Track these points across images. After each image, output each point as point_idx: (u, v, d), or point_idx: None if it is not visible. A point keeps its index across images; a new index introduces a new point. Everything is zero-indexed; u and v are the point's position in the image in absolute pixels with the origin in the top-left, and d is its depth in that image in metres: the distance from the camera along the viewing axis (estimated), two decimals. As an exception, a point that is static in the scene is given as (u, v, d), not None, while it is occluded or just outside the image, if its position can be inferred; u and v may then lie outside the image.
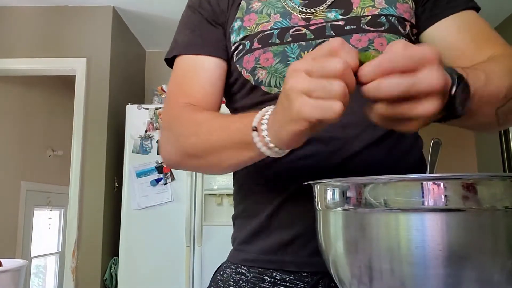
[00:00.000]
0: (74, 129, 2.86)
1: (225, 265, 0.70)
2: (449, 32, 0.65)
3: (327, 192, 0.42)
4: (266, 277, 0.63)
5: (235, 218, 0.74)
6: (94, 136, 2.86)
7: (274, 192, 0.64)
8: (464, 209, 0.35)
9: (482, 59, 0.59)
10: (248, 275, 0.64)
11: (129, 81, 3.38)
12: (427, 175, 0.40)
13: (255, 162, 0.55)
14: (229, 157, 0.55)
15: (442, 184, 0.35)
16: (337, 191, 0.41)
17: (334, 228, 0.42)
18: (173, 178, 2.63)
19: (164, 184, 2.62)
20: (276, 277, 0.62)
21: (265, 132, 0.47)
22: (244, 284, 0.64)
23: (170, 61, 0.73)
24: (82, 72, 2.92)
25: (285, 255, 0.62)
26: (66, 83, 3.60)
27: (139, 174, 2.63)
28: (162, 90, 3.03)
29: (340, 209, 0.40)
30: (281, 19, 0.65)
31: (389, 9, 0.64)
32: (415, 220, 0.35)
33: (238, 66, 0.67)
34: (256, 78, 0.64)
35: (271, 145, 0.47)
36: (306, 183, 0.47)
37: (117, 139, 2.96)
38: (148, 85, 3.68)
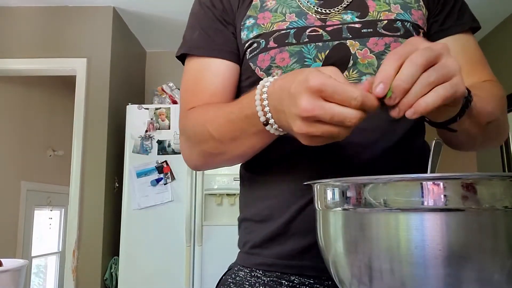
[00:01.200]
0: (74, 129, 2.86)
1: (236, 269, 0.68)
2: (453, 49, 0.66)
3: (327, 192, 0.42)
4: (284, 281, 0.62)
5: (243, 220, 0.71)
6: (94, 136, 2.86)
7: (292, 198, 0.62)
8: (464, 209, 0.35)
9: (472, 81, 0.64)
10: (264, 279, 0.63)
11: (130, 81, 3.38)
12: (427, 175, 0.40)
13: (274, 137, 0.55)
14: (243, 141, 0.56)
15: (441, 184, 0.35)
16: (337, 191, 0.41)
17: (334, 228, 0.42)
18: (173, 178, 2.63)
19: (164, 184, 2.62)
20: (295, 281, 0.61)
21: (273, 127, 0.50)
22: (261, 287, 0.63)
23: (180, 58, 0.73)
24: (83, 72, 2.92)
25: (304, 260, 0.61)
26: (67, 83, 3.60)
27: (139, 174, 2.63)
28: (162, 90, 3.03)
29: (340, 209, 0.40)
30: (296, 18, 0.65)
31: (405, 15, 0.64)
32: (415, 220, 0.35)
33: (251, 64, 0.66)
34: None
35: (279, 130, 0.50)
36: (305, 183, 0.47)
37: (117, 139, 2.96)
38: (148, 85, 3.68)
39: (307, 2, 0.66)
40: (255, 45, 0.65)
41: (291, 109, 0.44)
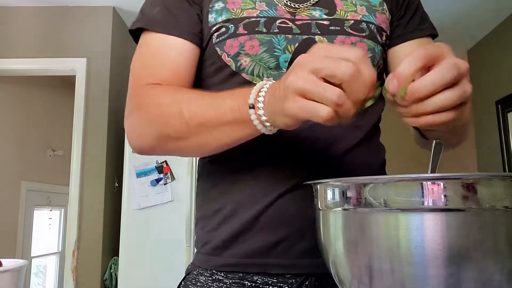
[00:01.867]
0: (74, 129, 2.86)
1: (195, 272, 0.66)
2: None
3: (327, 192, 0.42)
4: (246, 282, 0.60)
5: (202, 217, 0.68)
6: (94, 136, 2.86)
7: (261, 193, 0.61)
8: (464, 209, 0.35)
9: None
10: (227, 281, 0.61)
11: (129, 81, 3.37)
12: (427, 175, 0.40)
13: (247, 140, 0.53)
14: (221, 136, 0.53)
15: (442, 184, 0.35)
16: (337, 191, 0.41)
17: (334, 228, 0.42)
18: (173, 178, 2.63)
19: (164, 184, 2.62)
20: (258, 281, 0.60)
21: (261, 111, 0.47)
22: None
23: (134, 34, 0.68)
24: (82, 72, 2.92)
25: (270, 258, 0.60)
26: (66, 83, 3.60)
27: (139, 174, 2.63)
28: (162, 90, 3.03)
29: (340, 209, 0.40)
30: (267, 8, 0.64)
31: (369, 17, 0.66)
32: (415, 220, 0.35)
33: (218, 48, 0.63)
34: (238, 64, 0.62)
35: (267, 124, 0.48)
36: (306, 182, 0.47)
37: (117, 139, 2.96)
38: (148, 85, 3.67)
39: None
40: (223, 29, 0.63)
41: (286, 89, 0.43)
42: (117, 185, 2.94)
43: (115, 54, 3.05)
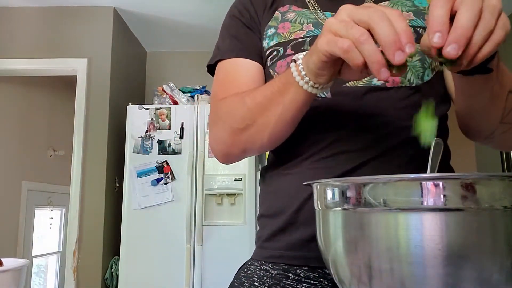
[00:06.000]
0: (75, 129, 2.87)
1: (249, 263, 0.71)
2: None
3: (327, 192, 0.42)
4: (290, 274, 0.64)
5: (260, 217, 0.75)
6: (95, 136, 2.86)
7: (299, 190, 0.65)
8: (463, 208, 0.35)
9: None
10: (273, 272, 0.66)
11: (130, 82, 3.38)
12: (426, 174, 0.40)
13: (299, 108, 0.57)
14: (275, 106, 0.57)
15: (441, 183, 0.35)
16: (336, 190, 0.41)
17: (333, 227, 0.42)
18: (173, 178, 2.63)
19: (165, 184, 2.62)
20: (301, 274, 0.63)
21: (299, 61, 0.52)
22: (268, 280, 0.65)
23: (212, 68, 0.76)
24: (83, 72, 2.93)
25: (310, 251, 0.62)
26: (67, 83, 3.61)
27: (140, 174, 2.63)
28: (163, 90, 3.03)
29: (340, 208, 0.41)
30: (313, 28, 0.69)
31: (417, 21, 0.67)
32: (414, 219, 0.35)
33: (271, 70, 0.70)
34: None
35: (303, 73, 0.51)
36: (305, 183, 0.47)
37: (117, 139, 2.96)
38: (148, 85, 3.68)
39: (323, 15, 0.70)
40: (274, 53, 0.70)
41: (323, 28, 0.47)
42: (117, 185, 2.94)
43: (116, 55, 3.05)
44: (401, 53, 0.40)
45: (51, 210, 4.20)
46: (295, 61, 0.53)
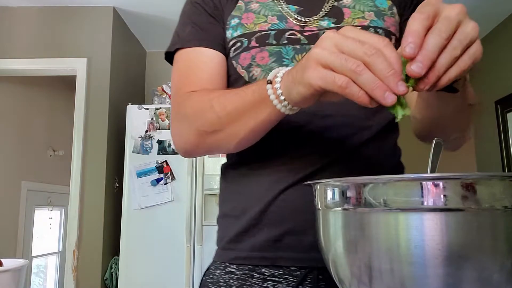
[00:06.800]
0: (74, 129, 2.87)
1: (213, 268, 0.70)
2: None
3: (327, 192, 0.42)
4: (255, 274, 0.64)
5: (221, 217, 0.73)
6: (94, 136, 2.86)
7: (264, 191, 0.65)
8: (463, 208, 0.35)
9: None
10: (238, 273, 0.65)
11: (130, 81, 3.38)
12: (426, 174, 0.40)
13: (271, 124, 0.56)
14: (248, 120, 0.56)
15: (441, 183, 0.35)
16: (336, 191, 0.41)
17: (333, 227, 0.42)
18: (173, 178, 2.63)
19: (165, 184, 2.62)
20: (265, 273, 0.64)
21: (277, 85, 0.50)
22: (235, 283, 0.65)
23: (171, 56, 0.73)
24: (83, 72, 2.92)
25: (277, 251, 0.63)
26: (67, 83, 3.61)
27: (140, 174, 2.63)
28: (163, 90, 3.03)
29: (340, 208, 0.41)
30: (278, 21, 0.69)
31: (378, 22, 0.68)
32: (415, 219, 0.35)
33: (234, 62, 0.69)
34: (250, 75, 0.67)
35: (282, 97, 0.50)
36: (306, 183, 0.47)
37: (117, 139, 2.96)
38: (148, 85, 3.68)
39: (287, 8, 0.70)
40: (238, 44, 0.69)
41: (309, 59, 0.44)
42: (117, 185, 2.94)
43: (115, 54, 3.05)
44: (403, 83, 0.40)
45: (51, 210, 4.20)
46: (270, 82, 0.51)
